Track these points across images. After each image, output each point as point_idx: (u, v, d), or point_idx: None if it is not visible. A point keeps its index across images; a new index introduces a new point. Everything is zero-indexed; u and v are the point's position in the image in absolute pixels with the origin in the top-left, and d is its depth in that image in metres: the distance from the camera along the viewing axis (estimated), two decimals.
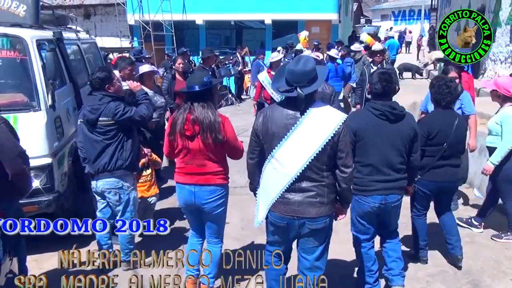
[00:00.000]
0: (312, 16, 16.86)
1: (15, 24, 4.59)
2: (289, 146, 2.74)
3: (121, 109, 3.69)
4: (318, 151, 2.69)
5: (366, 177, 3.32)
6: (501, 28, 10.46)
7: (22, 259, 3.35)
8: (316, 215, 2.80)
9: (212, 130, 3.16)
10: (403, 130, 3.29)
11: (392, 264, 3.58)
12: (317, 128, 2.71)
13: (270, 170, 2.85)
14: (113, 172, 3.78)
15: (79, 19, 13.41)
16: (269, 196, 2.87)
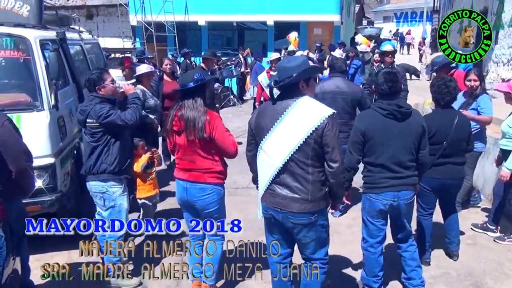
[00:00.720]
0: (314, 17, 16.88)
1: (19, 24, 4.61)
2: (274, 138, 2.83)
3: (104, 112, 3.57)
4: (300, 144, 2.73)
5: (377, 175, 3.34)
6: (504, 30, 10.45)
7: (24, 259, 3.36)
8: (298, 210, 2.82)
9: (194, 127, 3.19)
10: (411, 128, 3.31)
11: (412, 274, 3.55)
12: (301, 120, 2.76)
13: (260, 161, 2.97)
14: (97, 176, 3.70)
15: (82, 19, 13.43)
16: (261, 187, 2.98)
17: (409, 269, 3.57)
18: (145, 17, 16.54)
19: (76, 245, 4.13)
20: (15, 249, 3.05)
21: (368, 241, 3.52)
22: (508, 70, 10.04)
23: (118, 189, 3.76)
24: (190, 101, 3.26)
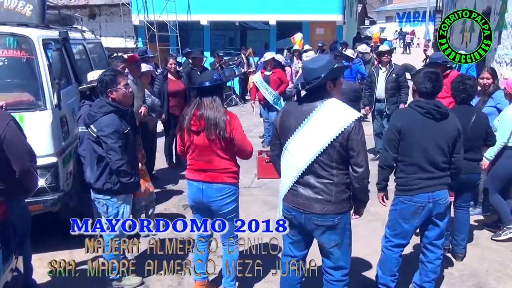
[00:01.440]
0: (316, 17, 16.84)
1: (22, 24, 4.62)
2: (299, 139, 2.81)
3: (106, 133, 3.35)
4: (325, 147, 2.71)
5: (411, 176, 3.27)
6: (507, 30, 10.39)
7: (27, 258, 3.37)
8: (320, 211, 2.80)
9: (216, 126, 3.18)
10: (448, 129, 3.27)
11: (426, 284, 3.50)
12: (327, 123, 2.73)
13: (284, 162, 2.95)
14: (99, 193, 3.59)
15: (84, 19, 13.44)
16: (284, 188, 2.95)
17: (426, 279, 3.49)
18: (148, 17, 16.53)
19: (78, 244, 4.16)
20: (18, 248, 3.05)
21: (392, 241, 3.45)
22: (511, 70, 10.00)
23: (122, 197, 3.65)
24: (209, 100, 3.24)
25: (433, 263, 3.47)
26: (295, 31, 14.06)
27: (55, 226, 4.61)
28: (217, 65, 12.23)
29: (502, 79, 10.30)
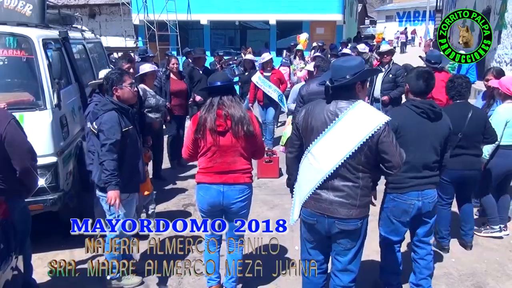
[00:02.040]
0: (316, 16, 16.87)
1: (21, 24, 4.62)
2: (326, 142, 2.72)
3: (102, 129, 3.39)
4: (354, 150, 2.65)
5: (402, 174, 3.23)
6: (507, 30, 10.42)
7: (27, 257, 3.37)
8: (346, 216, 2.74)
9: (243, 123, 3.17)
10: (441, 129, 3.32)
11: (422, 282, 3.52)
12: (356, 126, 2.67)
13: (306, 165, 2.84)
14: (101, 190, 3.57)
15: (84, 18, 13.44)
16: (303, 193, 2.85)
17: (420, 276, 3.53)
18: (148, 16, 16.56)
19: (78, 243, 4.18)
20: (18, 248, 3.06)
21: (387, 238, 3.49)
22: (511, 70, 10.00)
23: (124, 196, 3.57)
24: (230, 99, 3.23)
25: (425, 259, 3.51)
26: (295, 31, 14.11)
27: (55, 226, 4.62)
28: (217, 65, 12.23)
29: None
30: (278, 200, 5.76)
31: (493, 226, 4.65)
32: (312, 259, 3.03)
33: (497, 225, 4.64)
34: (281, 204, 5.62)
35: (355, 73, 2.71)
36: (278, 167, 6.70)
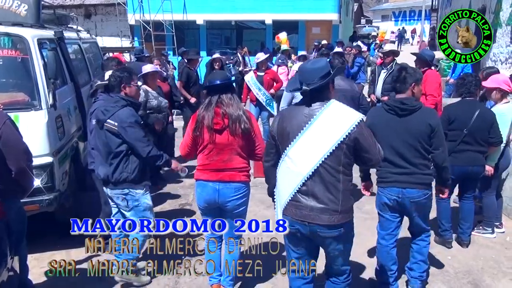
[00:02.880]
0: (312, 16, 16.86)
1: (17, 23, 4.61)
2: (302, 144, 2.68)
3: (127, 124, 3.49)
4: (332, 150, 2.61)
5: (383, 169, 3.37)
6: (502, 29, 10.45)
7: (23, 258, 3.36)
8: (328, 222, 2.66)
9: (240, 121, 3.19)
10: (413, 125, 3.31)
11: (414, 266, 3.62)
12: (332, 125, 2.65)
13: (283, 169, 2.79)
14: (116, 185, 3.61)
15: (80, 18, 13.40)
16: (282, 198, 2.79)
17: (413, 260, 3.63)
18: (144, 16, 16.51)
19: (75, 243, 4.17)
20: (14, 248, 3.05)
21: (379, 233, 3.57)
22: (506, 69, 10.03)
23: (140, 189, 3.68)
24: (228, 98, 3.24)
25: (417, 244, 3.60)
26: (292, 30, 14.09)
27: (51, 226, 4.61)
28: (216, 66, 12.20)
29: None
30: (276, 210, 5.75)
31: (486, 227, 4.67)
32: (300, 269, 2.94)
33: (490, 227, 4.66)
34: None
35: (326, 73, 2.71)
36: None
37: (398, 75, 3.45)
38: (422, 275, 3.61)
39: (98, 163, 3.73)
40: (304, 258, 2.92)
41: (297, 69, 2.99)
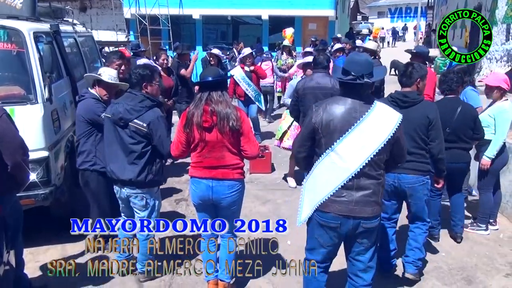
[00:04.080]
0: (309, 12, 16.84)
1: (12, 16, 4.56)
2: (352, 140, 2.70)
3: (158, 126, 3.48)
4: (380, 147, 2.69)
5: None
6: (497, 27, 10.50)
7: (19, 252, 3.35)
8: (371, 214, 2.76)
9: (229, 119, 3.17)
10: (413, 117, 3.46)
11: (409, 252, 3.77)
12: (379, 124, 2.72)
13: (327, 165, 2.77)
14: (140, 186, 3.55)
15: (75, 12, 13.29)
16: (319, 195, 2.79)
17: (408, 247, 3.77)
18: (139, 10, 16.41)
19: (70, 238, 4.17)
20: (10, 243, 3.04)
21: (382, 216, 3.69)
22: (501, 67, 10.09)
23: (156, 188, 3.71)
24: (218, 95, 3.23)
25: (413, 231, 3.77)
26: (288, 26, 14.04)
27: (47, 221, 4.60)
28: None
29: None
30: (270, 195, 5.78)
31: (480, 224, 4.71)
32: (321, 260, 2.99)
33: (484, 224, 4.70)
34: (273, 199, 5.64)
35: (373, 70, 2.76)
36: (270, 162, 6.71)
37: (405, 70, 3.62)
38: (416, 261, 3.71)
39: (112, 161, 3.59)
40: (332, 252, 2.97)
41: (347, 60, 2.84)
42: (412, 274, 3.70)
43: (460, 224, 4.51)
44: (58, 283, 3.64)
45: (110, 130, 3.57)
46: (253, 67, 7.91)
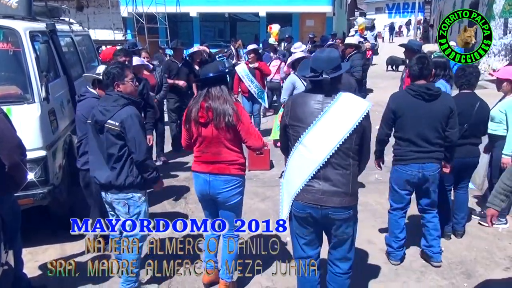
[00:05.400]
0: (306, 8, 16.86)
1: (8, 16, 4.55)
2: (317, 132, 2.75)
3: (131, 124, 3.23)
4: (346, 137, 2.72)
5: (405, 148, 3.75)
6: (495, 21, 10.52)
7: (17, 252, 3.35)
8: (339, 204, 2.78)
9: (225, 115, 3.16)
10: (438, 109, 3.65)
11: (433, 242, 3.95)
12: (344, 113, 2.75)
13: (297, 157, 2.83)
14: (120, 190, 3.36)
15: (72, 11, 13.26)
16: (294, 186, 2.84)
17: (431, 238, 3.95)
18: (136, 9, 16.40)
19: (69, 237, 4.16)
20: (8, 242, 3.04)
21: (392, 205, 3.97)
22: (498, 61, 10.11)
23: (142, 195, 3.45)
24: (216, 91, 3.23)
25: (432, 221, 3.96)
26: (285, 23, 14.04)
27: (45, 220, 4.60)
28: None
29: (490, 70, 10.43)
30: (269, 191, 5.77)
31: (500, 218, 4.65)
32: (307, 256, 3.01)
33: (503, 217, 4.70)
34: (272, 195, 5.64)
35: (339, 64, 2.81)
36: (269, 159, 6.71)
37: (425, 63, 3.72)
38: (441, 248, 3.99)
39: (96, 167, 3.45)
40: (310, 244, 2.99)
41: (312, 57, 2.95)
42: (439, 263, 3.92)
43: (462, 222, 4.48)
44: (58, 282, 3.63)
45: (92, 137, 3.44)
46: (257, 64, 7.87)
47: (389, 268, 3.93)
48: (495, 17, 10.50)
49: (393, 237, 3.96)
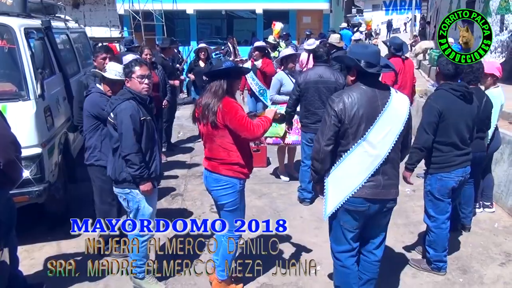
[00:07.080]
0: (303, 5, 16.81)
1: (3, 13, 4.53)
2: (380, 127, 2.80)
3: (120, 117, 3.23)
4: (400, 131, 2.83)
5: (448, 154, 3.57)
6: (491, 18, 10.53)
7: (13, 249, 3.33)
8: (395, 196, 2.94)
9: (208, 112, 3.16)
10: (474, 109, 3.63)
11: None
12: (399, 108, 2.84)
13: (359, 154, 2.82)
14: (117, 184, 3.42)
15: (68, 8, 13.21)
16: (352, 183, 2.84)
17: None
18: (133, 6, 16.32)
19: (65, 235, 4.16)
20: (3, 240, 3.03)
21: (439, 218, 3.71)
22: (495, 58, 10.12)
23: (139, 190, 3.39)
24: (211, 86, 3.25)
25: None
26: (282, 20, 13.98)
27: (41, 218, 4.59)
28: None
29: None
30: (266, 189, 5.78)
31: (485, 202, 4.89)
32: (352, 248, 3.06)
33: (489, 201, 4.89)
34: (269, 192, 5.64)
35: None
36: (266, 156, 6.71)
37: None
38: None
39: (108, 161, 3.58)
40: (356, 236, 3.04)
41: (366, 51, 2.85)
42: None
43: (470, 216, 4.53)
44: (54, 280, 3.62)
45: (106, 130, 3.51)
46: (261, 61, 7.73)
47: (385, 264, 3.92)
48: (492, 14, 10.51)
49: (442, 251, 3.74)
